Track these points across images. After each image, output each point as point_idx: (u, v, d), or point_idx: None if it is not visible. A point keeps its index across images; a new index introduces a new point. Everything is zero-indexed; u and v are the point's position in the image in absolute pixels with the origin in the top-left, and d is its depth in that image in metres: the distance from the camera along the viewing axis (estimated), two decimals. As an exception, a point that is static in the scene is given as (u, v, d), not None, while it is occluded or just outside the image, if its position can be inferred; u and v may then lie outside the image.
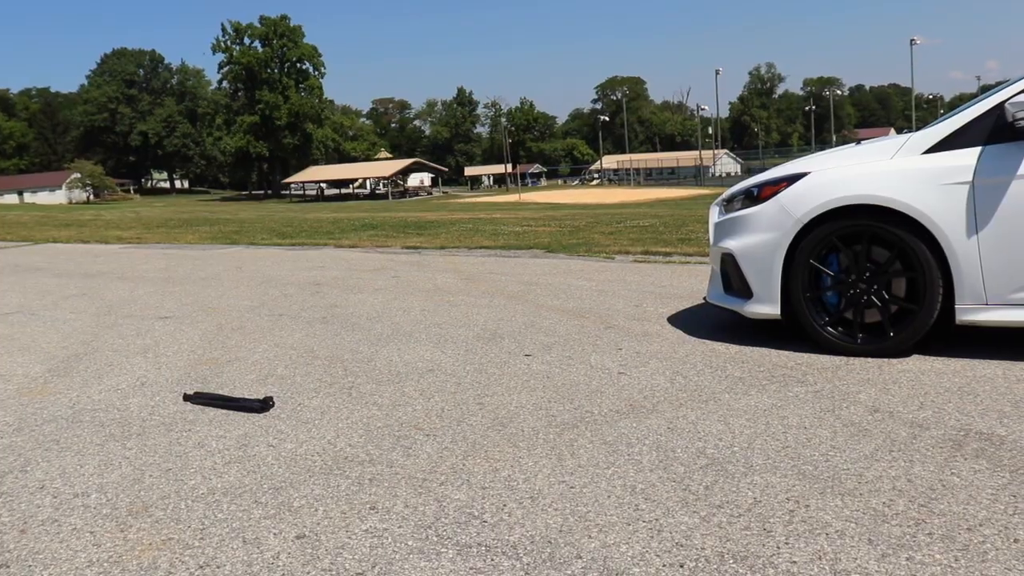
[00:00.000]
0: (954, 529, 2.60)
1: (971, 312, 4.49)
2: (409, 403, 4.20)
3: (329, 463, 3.39)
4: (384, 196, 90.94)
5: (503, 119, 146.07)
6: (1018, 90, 4.45)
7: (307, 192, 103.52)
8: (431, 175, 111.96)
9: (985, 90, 5.12)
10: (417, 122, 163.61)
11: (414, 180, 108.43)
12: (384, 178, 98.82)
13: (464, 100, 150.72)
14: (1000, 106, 4.43)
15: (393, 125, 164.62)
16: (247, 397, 4.36)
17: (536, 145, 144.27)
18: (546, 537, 2.65)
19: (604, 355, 5.05)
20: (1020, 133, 4.36)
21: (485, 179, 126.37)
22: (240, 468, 3.38)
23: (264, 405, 4.16)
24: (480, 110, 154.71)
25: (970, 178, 4.44)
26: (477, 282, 8.60)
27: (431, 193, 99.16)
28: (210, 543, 2.72)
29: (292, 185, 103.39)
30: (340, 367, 5.02)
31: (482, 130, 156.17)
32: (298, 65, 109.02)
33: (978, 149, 4.48)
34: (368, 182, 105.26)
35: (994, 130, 4.45)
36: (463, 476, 3.19)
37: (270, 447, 3.62)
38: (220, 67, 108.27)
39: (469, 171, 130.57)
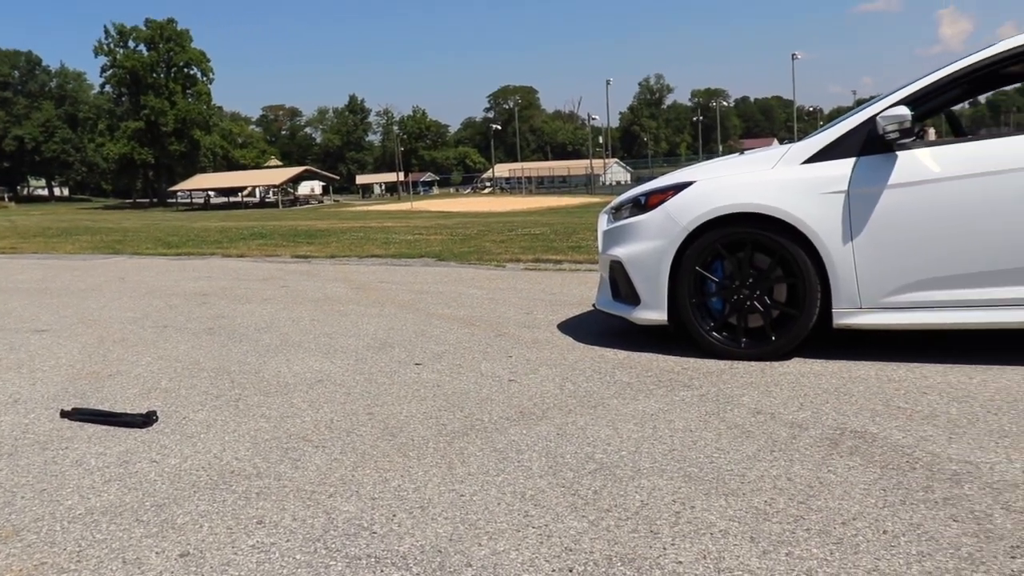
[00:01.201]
0: (830, 524, 2.69)
1: (847, 316, 4.67)
2: (298, 414, 4.14)
3: (215, 478, 3.31)
4: (274, 204, 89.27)
5: (395, 127, 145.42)
6: (888, 104, 4.65)
7: (194, 200, 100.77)
8: (322, 183, 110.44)
9: (860, 104, 5.33)
10: (308, 129, 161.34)
11: (305, 188, 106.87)
12: (274, 186, 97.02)
13: (356, 108, 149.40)
14: (872, 119, 4.62)
15: (284, 132, 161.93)
16: (129, 412, 4.22)
17: (428, 153, 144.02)
18: (436, 546, 2.64)
19: (494, 363, 5.07)
20: (890, 145, 4.56)
21: (377, 187, 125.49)
22: (121, 486, 3.27)
23: (147, 420, 4.04)
24: (372, 118, 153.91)
25: (845, 187, 4.62)
26: (368, 291, 8.53)
27: (322, 201, 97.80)
28: (87, 565, 2.62)
29: (179, 193, 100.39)
30: (227, 379, 4.92)
31: (374, 138, 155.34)
32: (185, 70, 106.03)
33: (852, 160, 4.66)
34: (258, 190, 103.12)
35: (867, 142, 4.64)
36: (352, 487, 3.15)
37: (153, 463, 3.51)
38: (103, 71, 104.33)
39: (361, 179, 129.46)
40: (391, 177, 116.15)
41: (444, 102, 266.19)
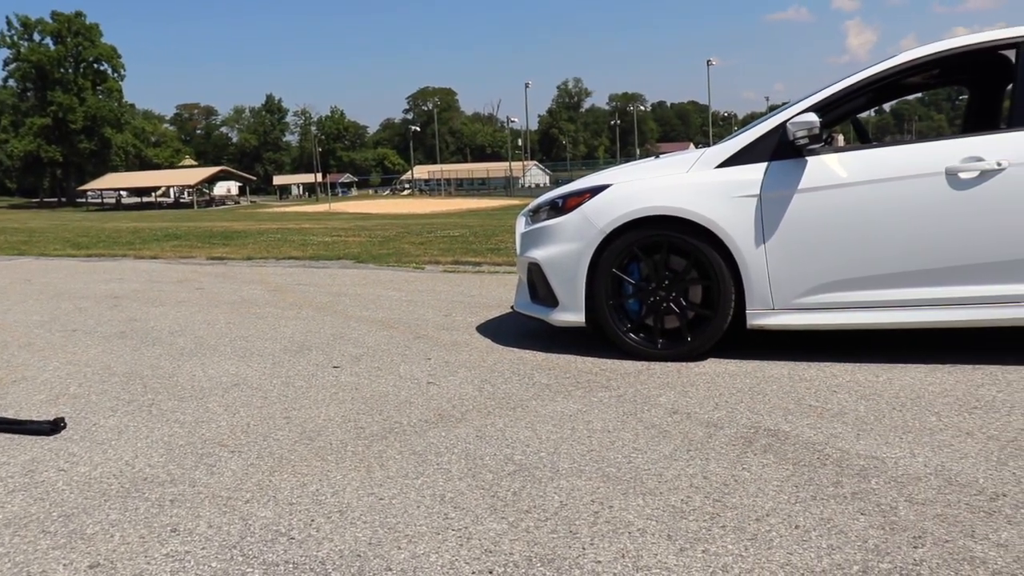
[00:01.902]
0: (745, 520, 2.75)
1: (760, 317, 4.77)
2: (213, 419, 4.07)
3: (127, 485, 3.23)
4: (189, 205, 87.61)
5: (313, 127, 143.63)
6: (798, 111, 4.77)
7: (105, 200, 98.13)
8: (239, 184, 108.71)
9: (772, 109, 5.46)
10: (224, 129, 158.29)
11: (221, 189, 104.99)
12: (189, 186, 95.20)
13: (273, 107, 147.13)
14: (783, 125, 4.74)
15: (199, 131, 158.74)
16: (35, 419, 4.09)
17: (347, 154, 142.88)
18: (355, 551, 2.62)
19: (413, 365, 5.06)
20: (800, 150, 4.68)
21: (295, 188, 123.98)
22: (26, 496, 3.17)
23: (55, 427, 3.92)
24: (290, 118, 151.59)
25: (757, 191, 4.72)
26: (285, 293, 8.42)
27: (238, 202, 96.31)
28: (-8, 576, 2.54)
29: (89, 193, 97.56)
30: (139, 384, 4.81)
31: (292, 138, 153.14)
32: (95, 66, 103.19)
33: (764, 164, 4.77)
34: (172, 190, 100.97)
35: (778, 147, 4.76)
36: (270, 492, 3.11)
37: (61, 471, 3.41)
38: (5, 64, 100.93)
39: (278, 180, 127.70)
40: (309, 178, 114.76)
41: (363, 103, 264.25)
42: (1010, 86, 4.91)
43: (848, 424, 3.69)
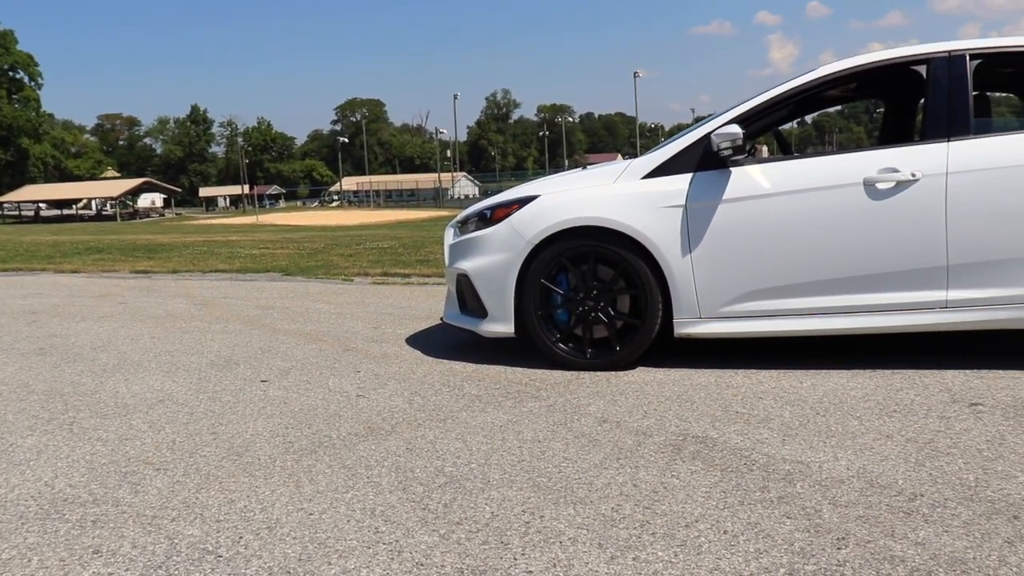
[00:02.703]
0: (674, 527, 2.78)
1: (688, 325, 4.84)
2: (138, 437, 3.98)
3: (46, 507, 3.14)
4: (112, 218, 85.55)
5: (240, 139, 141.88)
6: (722, 122, 4.86)
7: (23, 213, 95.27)
8: (163, 196, 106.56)
9: (698, 121, 5.56)
10: (148, 140, 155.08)
11: (145, 201, 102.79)
12: (112, 198, 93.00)
13: (199, 118, 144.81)
14: (707, 136, 4.82)
15: (121, 142, 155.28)
16: (-51, 439, 3.96)
17: (274, 166, 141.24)
18: (285, 567, 2.58)
19: (342, 378, 5.01)
20: (724, 161, 4.76)
21: (221, 200, 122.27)
22: (-60, 518, 3.06)
23: (-31, 447, 3.80)
24: (216, 129, 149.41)
25: (683, 202, 4.79)
26: (211, 307, 8.29)
27: (163, 215, 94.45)
28: (-97, 604, 2.45)
29: (5, 205, 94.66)
30: (60, 401, 4.68)
31: (218, 150, 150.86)
32: (11, 74, 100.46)
33: (690, 175, 4.85)
34: (94, 203, 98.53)
35: (702, 158, 4.84)
36: (196, 510, 3.06)
37: (-24, 492, 3.31)
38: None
39: (204, 192, 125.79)
40: (236, 190, 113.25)
41: (290, 114, 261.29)
42: (922, 100, 5.06)
43: (774, 430, 3.76)
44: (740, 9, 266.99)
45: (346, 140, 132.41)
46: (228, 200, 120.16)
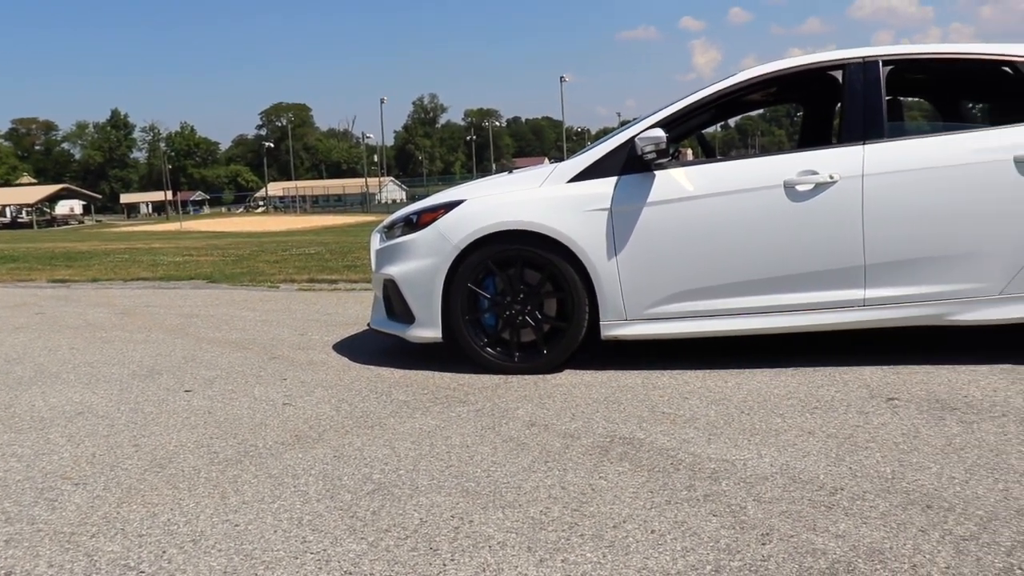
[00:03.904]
0: (603, 528, 2.80)
1: (614, 328, 4.89)
2: (55, 451, 3.87)
3: (-42, 525, 3.04)
4: (28, 225, 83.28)
5: (162, 144, 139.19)
6: (646, 126, 4.92)
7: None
8: (83, 202, 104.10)
9: (624, 125, 5.62)
10: (66, 145, 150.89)
11: (63, 208, 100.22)
12: (28, 205, 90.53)
13: (119, 123, 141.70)
14: (631, 140, 4.87)
15: (38, 147, 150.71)
16: None
17: (198, 171, 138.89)
18: (208, 580, 2.54)
19: (268, 386, 4.95)
20: (648, 165, 4.82)
21: (144, 207, 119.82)
22: None
23: None
24: (137, 134, 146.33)
25: (608, 205, 4.84)
26: (133, 316, 8.11)
27: (83, 222, 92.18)
28: None
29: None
30: (-28, 416, 4.53)
31: (139, 155, 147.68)
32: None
33: (614, 179, 4.89)
34: (8, 210, 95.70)
35: (627, 162, 4.89)
36: (117, 525, 2.98)
37: None
38: None
39: (126, 198, 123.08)
40: (159, 196, 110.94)
41: (214, 118, 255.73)
42: (839, 104, 5.19)
43: (700, 429, 3.81)
44: (665, 14, 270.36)
45: (271, 145, 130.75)
46: (151, 207, 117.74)
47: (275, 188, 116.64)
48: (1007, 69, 4.90)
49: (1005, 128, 4.76)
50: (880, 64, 4.89)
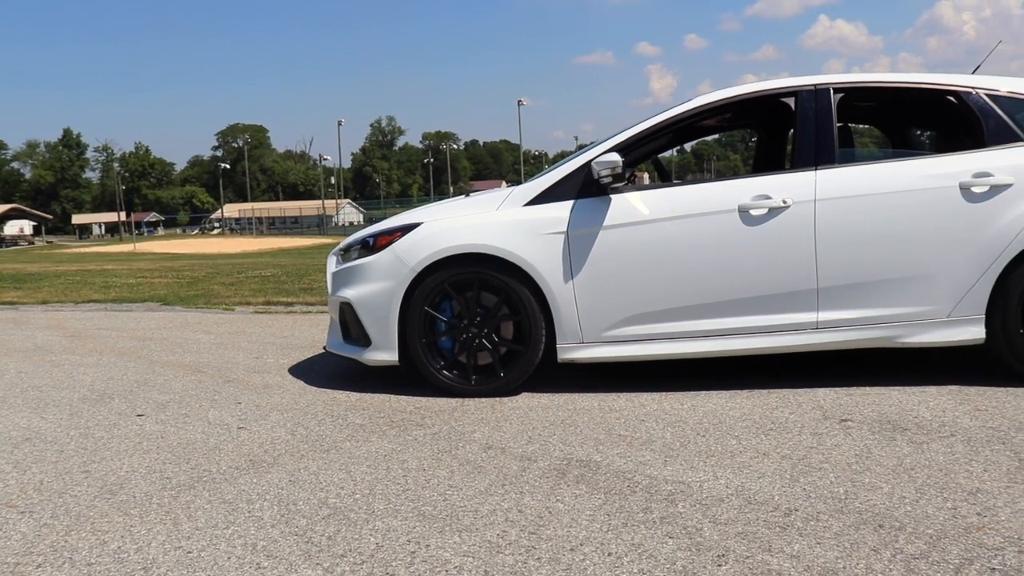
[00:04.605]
0: (559, 551, 2.80)
1: (571, 351, 4.90)
2: (1, 478, 3.79)
3: (-100, 554, 2.97)
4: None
5: (116, 164, 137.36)
6: (602, 151, 4.97)
7: None
8: (33, 223, 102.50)
9: (581, 148, 5.67)
10: (16, 164, 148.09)
11: (12, 228, 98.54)
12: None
13: (71, 142, 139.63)
14: (588, 164, 4.91)
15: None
16: None
17: (153, 192, 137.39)
18: (160, 607, 2.50)
19: (223, 410, 4.89)
20: (604, 189, 4.87)
21: (97, 228, 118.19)
22: None
23: None
24: (90, 154, 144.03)
25: (565, 228, 4.87)
26: (84, 339, 7.99)
27: (33, 243, 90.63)
28: None
29: None
30: (-84, 442, 4.42)
31: (92, 175, 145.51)
32: None
33: (571, 203, 4.93)
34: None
35: (583, 185, 4.93)
36: (65, 554, 2.93)
37: None
38: None
39: (78, 219, 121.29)
40: (112, 217, 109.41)
41: (169, 139, 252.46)
42: (792, 130, 5.27)
43: (656, 451, 3.83)
44: (622, 40, 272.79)
45: (228, 166, 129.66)
46: (104, 228, 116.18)
47: (231, 210, 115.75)
48: (951, 98, 5.02)
49: (951, 155, 4.86)
50: (831, 91, 4.98)
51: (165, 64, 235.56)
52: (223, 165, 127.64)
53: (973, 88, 4.94)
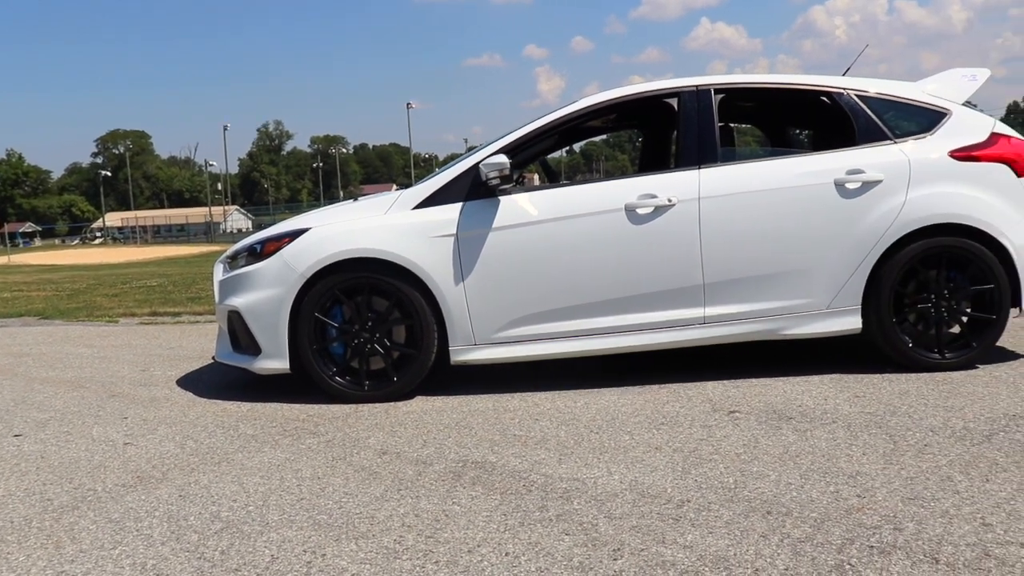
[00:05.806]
0: (457, 553, 2.80)
1: (463, 353, 4.91)
2: None
3: None
4: None
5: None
6: (490, 152, 4.99)
7: None
8: None
9: (471, 150, 5.68)
10: None
11: None
12: None
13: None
14: (476, 167, 4.93)
15: None
16: None
17: (28, 202, 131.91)
18: (43, 634, 2.41)
19: (108, 426, 4.74)
20: (492, 191, 4.89)
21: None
22: None
23: None
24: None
25: (454, 231, 4.87)
26: (-44, 358, 7.62)
27: None
28: None
29: None
30: None
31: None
32: None
33: (460, 205, 4.93)
34: None
35: (472, 188, 4.94)
36: (-61, 582, 2.79)
37: None
38: None
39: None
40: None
41: (45, 145, 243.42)
42: (676, 131, 5.39)
43: (551, 450, 3.86)
44: (510, 42, 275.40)
45: (108, 174, 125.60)
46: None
47: (113, 218, 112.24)
48: (825, 99, 5.22)
49: (826, 153, 5.05)
50: (712, 92, 5.11)
51: (39, 68, 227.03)
52: (104, 172, 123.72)
53: (844, 89, 5.14)
